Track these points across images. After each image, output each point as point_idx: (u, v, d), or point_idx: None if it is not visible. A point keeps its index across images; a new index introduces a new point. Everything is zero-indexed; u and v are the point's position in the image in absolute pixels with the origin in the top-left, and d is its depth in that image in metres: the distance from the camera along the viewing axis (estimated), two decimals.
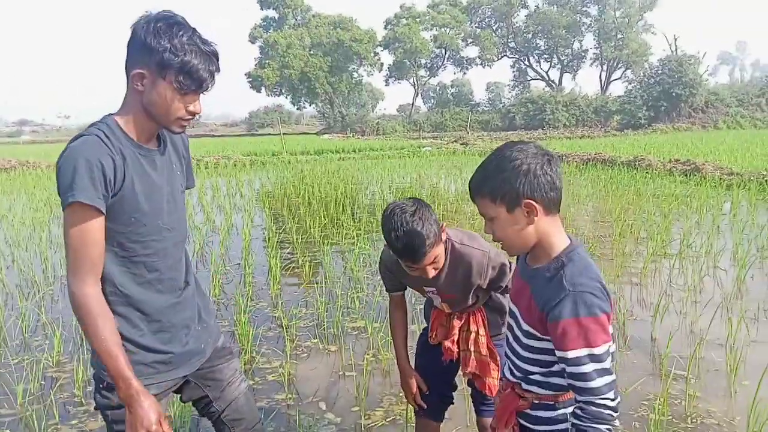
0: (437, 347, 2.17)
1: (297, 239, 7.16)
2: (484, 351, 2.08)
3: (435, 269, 1.89)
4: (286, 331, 4.11)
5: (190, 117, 1.54)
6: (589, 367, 1.24)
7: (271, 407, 3.09)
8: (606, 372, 1.25)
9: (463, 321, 2.12)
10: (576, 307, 1.25)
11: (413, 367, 2.25)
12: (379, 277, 4.20)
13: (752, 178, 10.80)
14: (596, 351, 1.24)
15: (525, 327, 1.40)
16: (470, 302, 2.08)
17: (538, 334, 1.36)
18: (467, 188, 1.46)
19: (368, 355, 3.71)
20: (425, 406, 2.19)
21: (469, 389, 2.33)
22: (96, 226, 1.45)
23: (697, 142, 21.65)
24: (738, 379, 3.23)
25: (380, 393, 3.23)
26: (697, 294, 4.77)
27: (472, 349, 2.08)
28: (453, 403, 2.29)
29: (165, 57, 1.42)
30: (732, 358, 3.30)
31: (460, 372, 2.20)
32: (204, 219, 8.90)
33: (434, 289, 2.06)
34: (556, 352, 1.30)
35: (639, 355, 3.61)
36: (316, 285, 5.24)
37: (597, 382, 1.24)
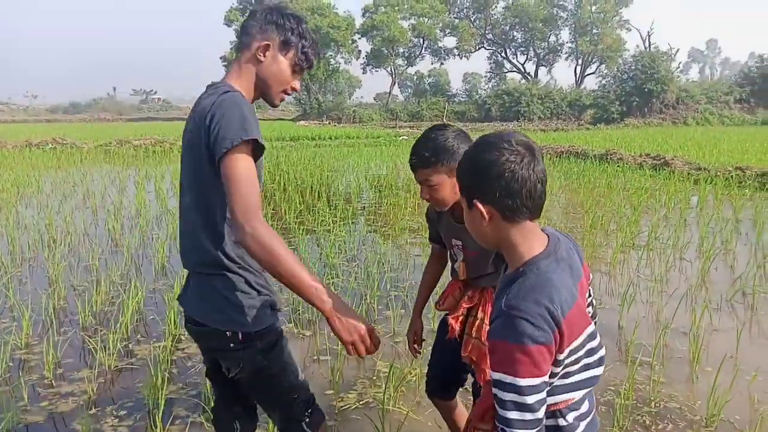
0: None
1: (272, 225, 7.12)
2: (484, 339, 1.99)
3: (429, 196, 1.92)
4: None
5: (290, 93, 1.75)
6: (506, 396, 1.11)
7: None
8: (525, 408, 1.09)
9: (473, 304, 2.04)
10: (505, 330, 1.11)
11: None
12: (355, 264, 4.30)
13: (719, 173, 11.10)
14: (519, 383, 1.09)
15: None
16: (489, 270, 2.00)
17: None
18: None
19: None
20: (419, 352, 2.23)
21: (472, 378, 2.30)
22: (255, 165, 1.52)
23: (667, 137, 22.11)
24: (700, 365, 3.35)
25: (354, 377, 3.26)
26: (664, 284, 4.91)
27: (473, 335, 2.05)
28: (463, 385, 2.24)
29: (291, 37, 1.65)
30: (695, 346, 3.42)
31: None
32: (177, 203, 8.77)
33: (461, 243, 2.00)
34: None
35: (606, 343, 3.70)
36: None
37: (510, 414, 1.10)
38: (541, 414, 1.12)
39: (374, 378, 3.24)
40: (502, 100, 43.73)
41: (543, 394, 1.12)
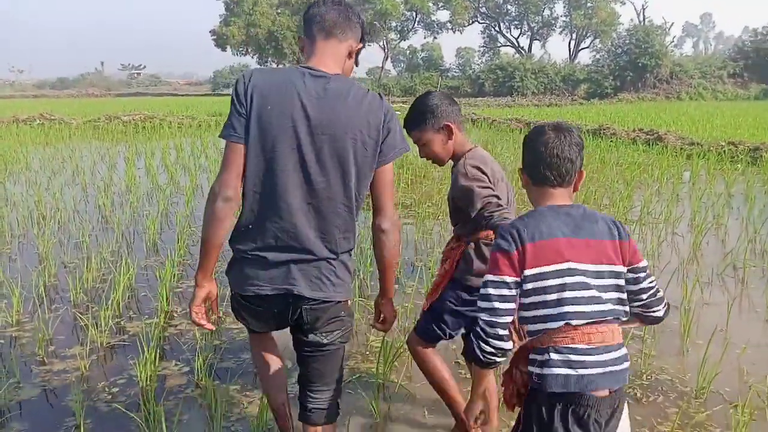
0: None
1: None
2: (438, 279, 2.28)
3: (425, 154, 2.23)
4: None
5: None
6: (483, 289, 1.49)
7: (239, 366, 3.10)
8: (486, 299, 1.47)
9: (449, 248, 2.29)
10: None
11: None
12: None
13: (711, 148, 11.11)
14: (489, 277, 1.48)
15: None
16: (453, 222, 2.25)
17: None
18: None
19: None
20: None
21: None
22: None
23: (661, 112, 22.07)
24: (691, 339, 3.38)
25: (348, 352, 3.26)
26: (656, 259, 4.93)
27: (437, 272, 2.31)
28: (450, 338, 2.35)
29: (362, 45, 1.86)
30: (686, 320, 3.44)
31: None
32: (168, 179, 8.71)
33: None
34: None
35: None
36: None
37: (480, 303, 1.49)
38: (499, 306, 1.46)
39: (367, 353, 3.24)
40: (496, 75, 43.41)
41: (504, 291, 1.46)
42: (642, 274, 1.56)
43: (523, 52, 52.95)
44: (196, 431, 2.51)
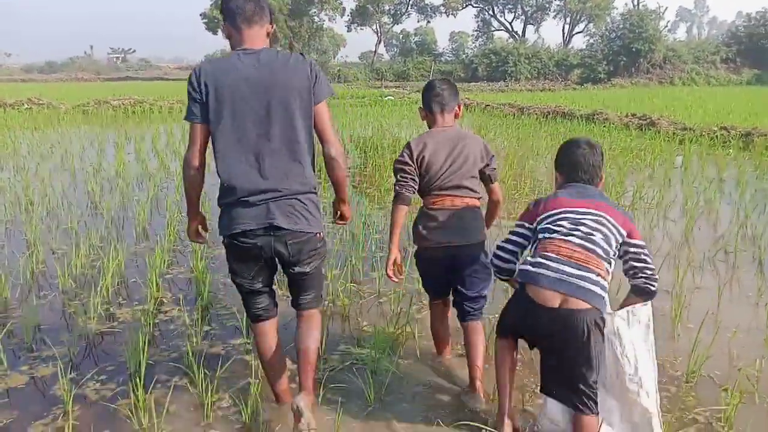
0: None
1: None
2: None
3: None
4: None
5: None
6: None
7: (228, 353, 3.08)
8: (512, 233, 2.33)
9: None
10: None
11: None
12: (340, 226, 4.32)
13: (704, 133, 11.11)
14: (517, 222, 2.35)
15: None
16: None
17: None
18: None
19: (327, 301, 3.72)
20: (396, 279, 2.68)
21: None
22: None
23: (654, 97, 22.06)
24: (682, 323, 3.38)
25: (339, 337, 3.25)
26: (648, 243, 4.91)
27: None
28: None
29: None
30: (677, 304, 3.44)
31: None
32: (158, 165, 8.62)
33: None
34: None
35: None
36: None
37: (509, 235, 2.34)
38: (514, 240, 2.31)
39: (360, 339, 3.23)
40: (489, 59, 43.21)
41: (523, 231, 2.29)
42: (635, 252, 2.23)
43: (516, 36, 52.69)
44: (185, 419, 2.49)
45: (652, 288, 2.13)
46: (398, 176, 2.65)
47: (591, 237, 2.06)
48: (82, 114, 16.87)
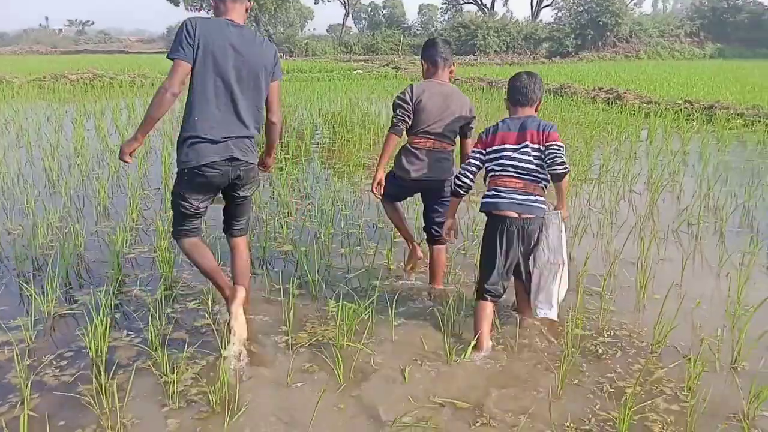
0: None
1: None
2: None
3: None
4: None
5: None
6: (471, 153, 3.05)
7: (192, 334, 3.00)
8: (471, 156, 3.01)
9: None
10: None
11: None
12: (309, 202, 4.50)
13: (669, 107, 11.28)
14: (474, 148, 3.04)
15: None
16: None
17: None
18: None
19: (295, 279, 3.66)
20: (378, 196, 3.41)
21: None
22: None
23: (620, 71, 22.29)
24: (648, 294, 3.44)
25: (305, 316, 3.21)
26: (614, 216, 5.00)
27: None
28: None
29: None
30: (642, 276, 3.49)
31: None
32: (119, 141, 8.34)
33: None
34: None
35: None
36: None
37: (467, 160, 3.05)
38: (473, 162, 2.97)
39: (327, 318, 3.19)
40: (459, 33, 42.91)
41: (478, 156, 2.97)
42: (552, 152, 2.77)
43: (485, 9, 52.40)
44: (149, 403, 2.42)
45: (559, 170, 2.73)
46: (397, 111, 3.20)
47: (527, 168, 2.82)
48: (38, 89, 16.18)
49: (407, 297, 3.45)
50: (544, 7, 52.42)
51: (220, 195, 2.98)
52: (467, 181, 2.98)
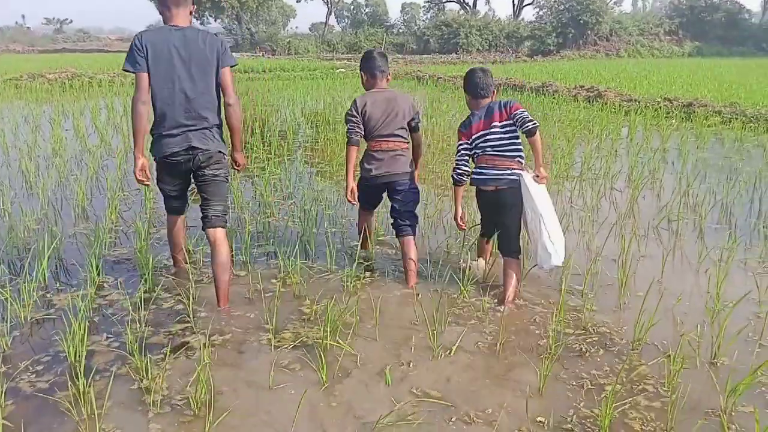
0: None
1: None
2: None
3: None
4: (191, 258, 3.92)
5: None
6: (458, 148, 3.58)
7: (172, 338, 2.96)
8: (458, 159, 3.55)
9: None
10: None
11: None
12: (292, 202, 4.54)
13: (648, 104, 11.41)
14: (461, 141, 3.56)
15: None
16: None
17: None
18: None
19: (278, 280, 3.63)
20: (354, 203, 3.76)
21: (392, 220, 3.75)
22: None
23: (601, 69, 22.49)
24: (629, 292, 3.47)
25: (288, 318, 3.18)
26: (595, 214, 5.04)
27: None
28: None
29: None
30: (623, 273, 3.52)
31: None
32: (98, 141, 8.22)
33: None
34: None
35: (540, 272, 3.78)
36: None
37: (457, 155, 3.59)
38: (462, 151, 3.54)
39: (310, 318, 3.17)
40: (441, 31, 43.01)
41: (466, 146, 3.51)
42: (518, 115, 3.30)
43: (468, 8, 52.53)
44: (128, 409, 2.38)
45: (529, 126, 3.24)
46: (348, 125, 3.59)
47: (498, 146, 3.37)
48: (15, 88, 15.88)
49: (391, 296, 3.44)
50: (526, 5, 52.68)
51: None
52: (464, 170, 3.52)
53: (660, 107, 11.14)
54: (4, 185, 5.84)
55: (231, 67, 3.19)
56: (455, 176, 3.55)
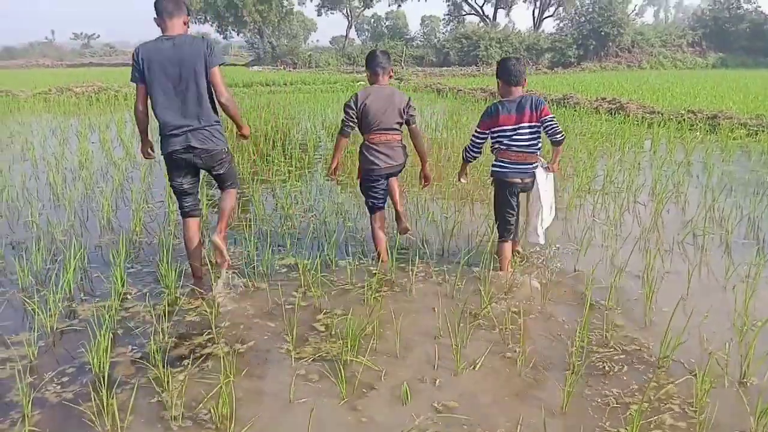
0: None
1: None
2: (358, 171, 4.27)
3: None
4: (213, 270, 3.96)
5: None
6: (474, 132, 3.90)
7: (195, 350, 2.98)
8: (474, 135, 3.89)
9: None
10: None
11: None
12: (312, 215, 4.57)
13: (672, 117, 11.26)
14: (478, 127, 3.86)
15: None
16: None
17: None
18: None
19: (298, 293, 3.65)
20: (333, 178, 4.36)
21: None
22: None
23: (623, 81, 22.30)
24: (654, 308, 3.40)
25: (308, 331, 3.18)
26: (618, 228, 4.97)
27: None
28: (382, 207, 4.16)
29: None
30: (648, 289, 3.46)
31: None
32: (124, 154, 8.37)
33: None
34: None
35: (563, 286, 3.74)
36: (245, 223, 5.06)
37: (471, 140, 3.93)
38: (478, 141, 3.90)
39: (330, 332, 3.17)
40: (461, 44, 43.09)
41: (483, 137, 3.85)
42: (548, 124, 3.64)
43: (487, 20, 52.64)
44: (150, 421, 2.39)
45: (558, 138, 3.68)
46: (344, 116, 3.91)
47: (524, 145, 3.72)
48: (44, 102, 16.30)
49: (412, 310, 3.43)
50: (546, 17, 52.63)
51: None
52: (476, 155, 3.98)
53: (684, 119, 11.00)
54: (33, 197, 5.98)
55: (220, 65, 3.50)
56: (467, 157, 3.99)
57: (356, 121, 3.91)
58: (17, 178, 6.74)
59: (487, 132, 3.78)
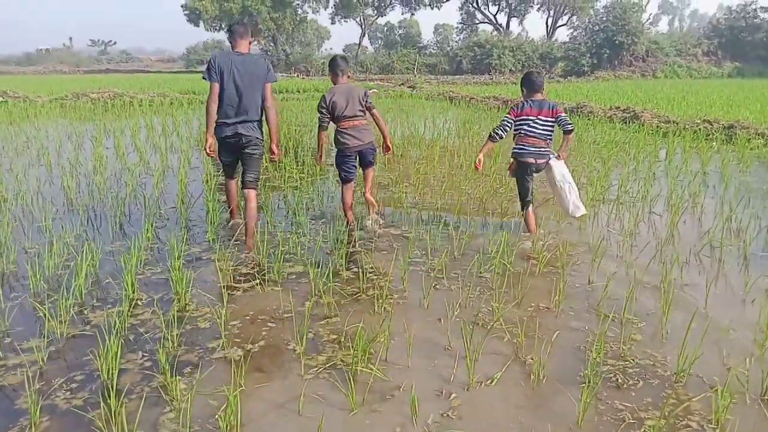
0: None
1: (238, 181, 6.85)
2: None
3: None
4: (223, 276, 3.94)
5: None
6: (504, 119, 4.90)
7: (204, 357, 2.96)
8: (500, 126, 4.85)
9: None
10: None
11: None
12: (323, 222, 4.52)
13: (687, 126, 11.14)
14: (508, 116, 4.87)
15: None
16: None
17: None
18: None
19: (309, 301, 3.62)
20: (320, 164, 5.48)
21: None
22: None
23: (637, 90, 22.15)
24: (671, 321, 3.33)
25: (321, 338, 3.15)
26: (633, 238, 4.90)
27: None
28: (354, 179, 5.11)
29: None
30: (665, 301, 3.39)
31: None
32: (137, 160, 8.42)
33: None
34: None
35: (577, 299, 3.68)
36: (256, 230, 5.04)
37: (501, 122, 4.90)
38: (506, 124, 4.84)
39: (342, 340, 3.13)
40: (474, 52, 43.13)
41: (511, 122, 4.84)
42: (561, 118, 4.76)
43: (500, 29, 52.62)
44: (160, 430, 2.37)
45: (569, 128, 4.76)
46: (319, 115, 4.95)
47: (539, 132, 4.73)
48: (60, 107, 16.49)
49: (424, 318, 3.39)
50: (560, 26, 52.53)
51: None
52: (502, 135, 4.81)
53: (699, 129, 10.87)
54: (47, 202, 6.02)
55: (273, 83, 4.66)
56: (494, 134, 4.80)
57: (329, 116, 4.89)
58: (32, 183, 6.80)
59: (514, 119, 4.75)
